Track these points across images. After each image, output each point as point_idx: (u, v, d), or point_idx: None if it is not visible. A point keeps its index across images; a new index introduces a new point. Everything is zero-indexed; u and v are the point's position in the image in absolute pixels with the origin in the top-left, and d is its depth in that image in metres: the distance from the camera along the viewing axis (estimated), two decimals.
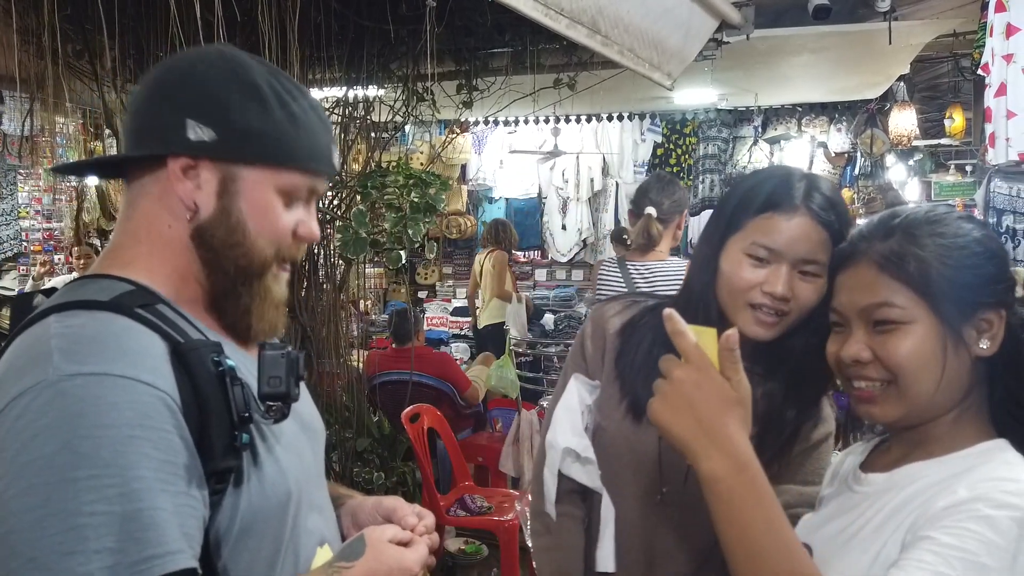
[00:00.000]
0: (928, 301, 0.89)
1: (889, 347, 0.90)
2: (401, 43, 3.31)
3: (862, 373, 0.93)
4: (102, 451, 0.73)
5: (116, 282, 0.86)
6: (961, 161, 9.64)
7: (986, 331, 0.90)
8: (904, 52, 4.48)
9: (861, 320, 0.93)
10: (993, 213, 3.13)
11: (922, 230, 0.92)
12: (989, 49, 2.88)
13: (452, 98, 3.78)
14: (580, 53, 3.65)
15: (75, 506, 0.71)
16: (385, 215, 2.99)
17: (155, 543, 0.73)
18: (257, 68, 0.90)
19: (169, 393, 0.79)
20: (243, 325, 0.93)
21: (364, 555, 0.89)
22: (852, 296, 0.94)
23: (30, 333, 0.81)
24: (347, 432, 3.34)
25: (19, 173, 6.15)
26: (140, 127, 0.90)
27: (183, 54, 0.93)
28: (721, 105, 6.32)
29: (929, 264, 0.89)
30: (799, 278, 1.11)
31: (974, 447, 0.90)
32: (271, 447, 0.89)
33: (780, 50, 4.42)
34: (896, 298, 0.90)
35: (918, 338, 0.89)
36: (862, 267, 0.94)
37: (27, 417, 0.73)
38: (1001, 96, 2.82)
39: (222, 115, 0.86)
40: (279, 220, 0.91)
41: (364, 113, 3.46)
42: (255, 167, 0.89)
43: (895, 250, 0.91)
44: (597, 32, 2.71)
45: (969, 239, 0.91)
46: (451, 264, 7.96)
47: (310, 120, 0.91)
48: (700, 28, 3.51)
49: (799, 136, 6.83)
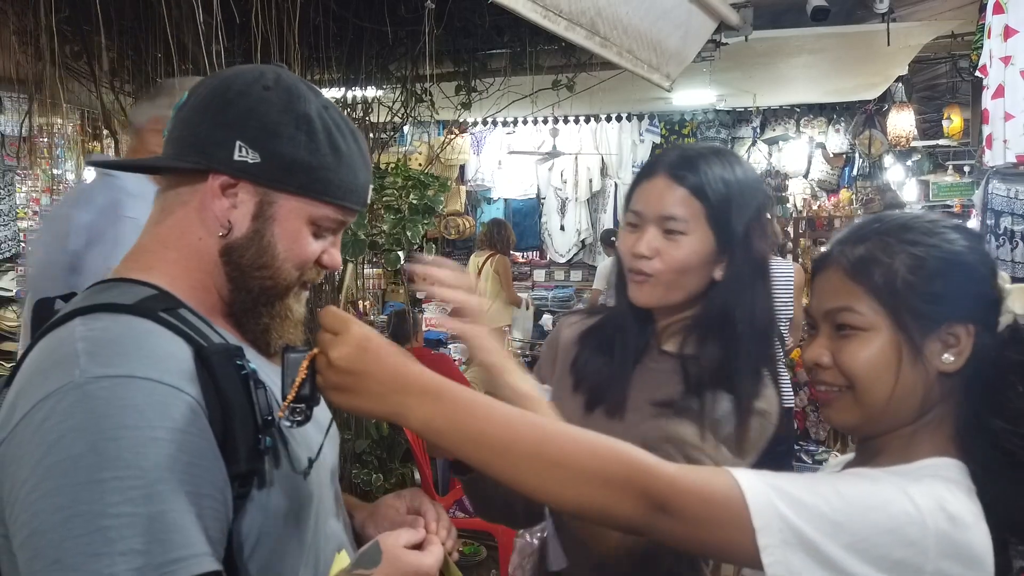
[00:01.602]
0: (889, 310, 0.88)
1: (846, 353, 0.89)
2: (400, 44, 3.31)
3: (821, 377, 0.93)
4: (127, 453, 0.73)
5: (138, 286, 0.87)
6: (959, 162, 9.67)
7: (952, 346, 0.88)
8: (902, 53, 4.49)
9: (826, 323, 0.92)
10: (991, 215, 3.14)
11: (896, 238, 0.90)
12: (987, 51, 2.89)
13: (451, 99, 3.78)
14: (579, 54, 3.65)
15: (101, 508, 0.71)
16: (384, 216, 3.00)
17: (180, 545, 0.74)
18: (312, 99, 0.91)
19: (194, 396, 0.79)
20: (262, 342, 0.95)
21: (381, 563, 0.89)
22: (820, 299, 0.94)
23: (55, 336, 0.81)
24: (346, 434, 3.34)
25: (17, 174, 6.14)
26: (186, 136, 0.90)
27: (241, 70, 0.93)
28: (719, 106, 6.32)
29: (895, 273, 0.88)
30: (664, 237, 1.14)
31: (922, 461, 0.87)
32: (292, 451, 0.90)
33: (779, 51, 4.43)
34: (858, 304, 0.89)
35: (875, 347, 0.88)
36: (832, 271, 0.93)
37: (53, 419, 0.74)
38: (999, 98, 2.83)
39: (271, 142, 0.88)
40: (308, 248, 0.93)
41: (363, 114, 3.46)
42: (293, 196, 0.90)
43: (863, 256, 0.90)
44: (596, 33, 2.71)
45: (945, 250, 0.89)
46: None
47: (353, 157, 0.93)
48: (699, 29, 3.51)
49: (797, 137, 6.84)
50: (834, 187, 7.14)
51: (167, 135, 0.93)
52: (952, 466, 0.87)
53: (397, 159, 3.70)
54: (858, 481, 0.83)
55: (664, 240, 1.15)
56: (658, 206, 1.15)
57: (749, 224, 1.16)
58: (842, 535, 0.76)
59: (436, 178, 3.17)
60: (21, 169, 6.06)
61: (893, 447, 0.91)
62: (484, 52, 3.79)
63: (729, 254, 1.16)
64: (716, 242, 1.15)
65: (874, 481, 0.83)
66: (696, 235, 1.14)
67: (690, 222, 1.14)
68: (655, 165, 1.19)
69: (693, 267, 1.15)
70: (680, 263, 1.14)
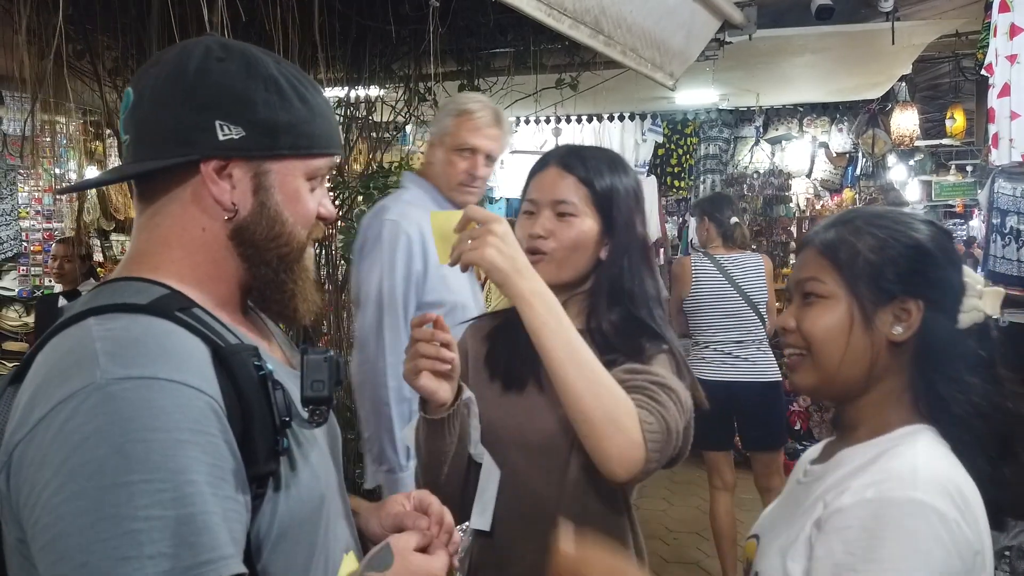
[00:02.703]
0: (848, 281, 1.00)
1: (808, 319, 1.02)
2: (403, 43, 3.31)
3: (788, 341, 1.05)
4: (153, 455, 0.72)
5: (150, 285, 0.86)
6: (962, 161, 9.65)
7: (903, 319, 0.99)
8: (906, 52, 4.48)
9: (796, 293, 1.06)
10: (997, 213, 3.13)
11: (865, 223, 1.03)
12: (993, 50, 2.88)
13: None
14: (582, 53, 3.64)
15: (129, 511, 0.70)
16: None
17: (208, 548, 0.73)
18: (266, 59, 0.89)
19: (215, 397, 0.78)
20: (291, 309, 0.94)
21: (393, 566, 0.89)
22: (795, 273, 1.08)
23: (69, 335, 0.79)
24: (349, 433, 3.33)
25: (19, 173, 6.13)
26: (159, 132, 0.87)
27: (179, 51, 0.89)
28: (722, 105, 6.31)
29: (858, 251, 1.00)
30: (557, 219, 1.31)
31: (895, 431, 0.98)
32: (305, 452, 0.90)
33: (782, 50, 4.42)
34: (823, 275, 1.02)
35: (833, 314, 1.00)
36: (808, 250, 1.06)
37: (76, 420, 0.72)
38: (1005, 97, 2.82)
39: (248, 111, 0.86)
40: (309, 204, 0.94)
41: (366, 113, 3.46)
42: (285, 159, 0.90)
43: (833, 238, 1.03)
44: (600, 32, 2.71)
45: (907, 235, 1.00)
46: None
47: (320, 103, 0.93)
48: (702, 28, 3.51)
49: (800, 136, 6.82)
50: (837, 187, 7.12)
51: (128, 140, 0.89)
52: (925, 430, 0.98)
53: (400, 158, 3.70)
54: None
55: (557, 222, 1.30)
56: (551, 192, 1.32)
57: (629, 209, 1.33)
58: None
59: None
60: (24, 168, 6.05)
61: (863, 419, 1.02)
62: (488, 51, 3.78)
63: (613, 236, 1.32)
64: (601, 224, 1.32)
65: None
66: (584, 217, 1.31)
67: (578, 204, 1.30)
68: (547, 159, 1.36)
69: (582, 245, 1.31)
70: (572, 241, 1.30)
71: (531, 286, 1.17)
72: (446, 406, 1.22)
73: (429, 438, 1.26)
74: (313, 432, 0.91)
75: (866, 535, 0.86)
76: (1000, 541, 2.79)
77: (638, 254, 1.34)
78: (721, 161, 6.96)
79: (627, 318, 1.32)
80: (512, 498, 1.30)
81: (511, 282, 1.16)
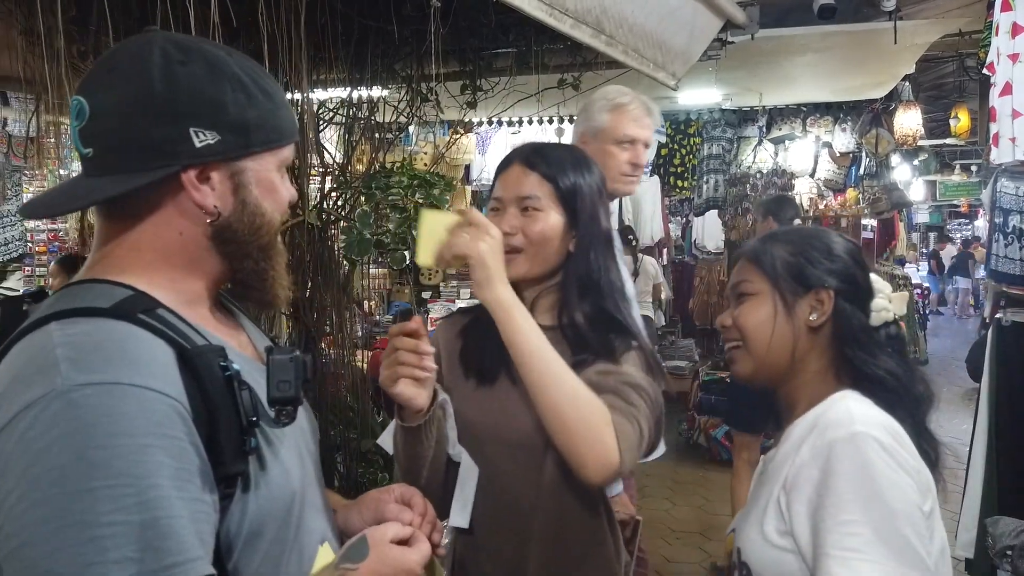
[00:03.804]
0: (771, 278, 1.20)
1: (741, 314, 1.22)
2: (405, 43, 3.31)
3: (727, 336, 1.24)
4: (117, 461, 0.72)
5: (113, 287, 0.85)
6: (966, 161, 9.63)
7: (817, 308, 1.18)
8: (909, 51, 4.47)
9: (732, 296, 1.26)
10: (999, 213, 3.12)
11: (784, 236, 1.25)
12: (995, 48, 2.87)
13: (456, 98, 3.78)
14: (584, 53, 3.64)
15: (93, 517, 0.70)
16: (389, 216, 2.99)
17: (174, 551, 0.73)
18: (225, 57, 0.89)
19: (179, 400, 0.78)
20: (271, 295, 0.96)
21: (368, 557, 0.89)
22: (730, 279, 1.28)
23: (30, 341, 0.79)
24: (351, 433, 3.34)
25: (24, 174, 6.16)
26: (131, 144, 0.84)
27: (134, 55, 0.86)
28: (725, 105, 6.31)
29: (778, 256, 1.21)
30: (524, 215, 1.33)
31: (826, 400, 1.13)
32: (275, 450, 0.90)
33: (785, 50, 4.41)
34: (751, 276, 1.23)
35: (760, 306, 1.20)
36: (740, 260, 1.27)
37: (37, 428, 0.72)
38: (1007, 95, 2.81)
39: (219, 114, 0.86)
40: (283, 192, 0.96)
41: (368, 114, 3.46)
42: (258, 155, 0.91)
43: (758, 247, 1.25)
44: (601, 32, 2.71)
45: (820, 242, 1.21)
46: None
47: (279, 94, 0.94)
48: (705, 28, 3.50)
49: (803, 136, 6.81)
50: (840, 186, 7.11)
51: (91, 153, 0.87)
52: (852, 393, 1.13)
53: (403, 159, 3.70)
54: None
55: (523, 218, 1.33)
56: (515, 189, 1.34)
57: (593, 203, 1.36)
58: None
59: (442, 177, 3.17)
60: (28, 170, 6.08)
61: (799, 398, 1.19)
62: (490, 51, 3.78)
63: (578, 228, 1.35)
64: (566, 218, 1.34)
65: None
66: (549, 211, 1.33)
67: (543, 199, 1.33)
68: (511, 158, 1.39)
69: (550, 239, 1.33)
70: (539, 235, 1.32)
71: (511, 295, 1.22)
72: (423, 412, 1.23)
73: (408, 444, 1.27)
74: (284, 429, 0.90)
75: (823, 474, 1.01)
76: (1002, 541, 2.79)
77: (603, 247, 1.37)
78: (724, 161, 6.96)
79: (596, 312, 1.35)
80: (489, 494, 1.32)
81: (493, 285, 1.20)
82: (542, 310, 1.37)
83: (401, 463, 1.30)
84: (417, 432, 1.24)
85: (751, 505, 1.19)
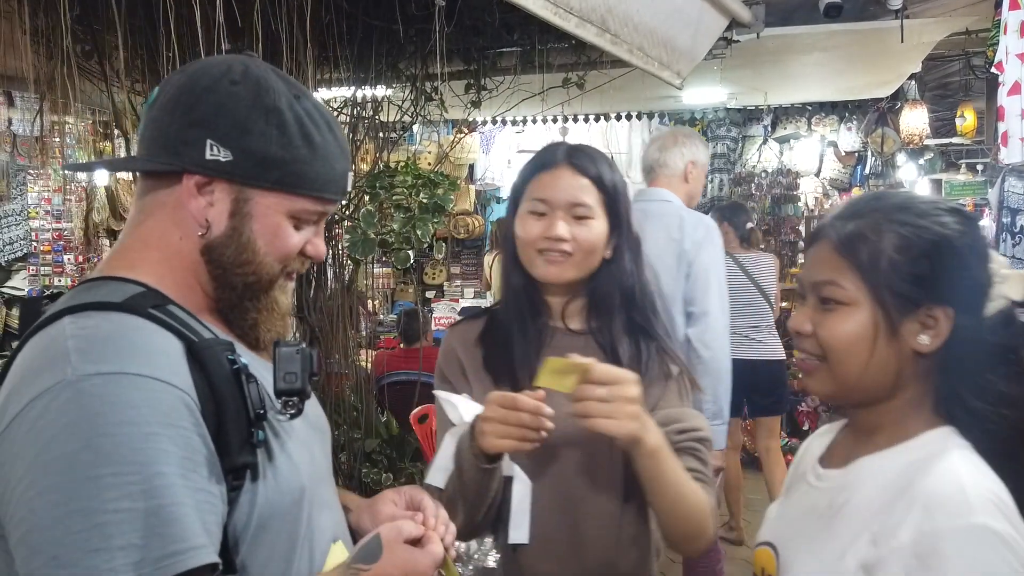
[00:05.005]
0: (871, 288, 0.90)
1: (825, 326, 0.93)
2: (409, 42, 3.30)
3: (802, 345, 0.97)
4: (123, 449, 0.74)
5: (126, 284, 0.87)
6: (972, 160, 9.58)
7: (930, 327, 0.90)
8: (916, 50, 4.45)
9: (812, 294, 0.96)
10: (1007, 212, 3.11)
11: (887, 216, 0.92)
12: (1003, 47, 2.86)
13: (460, 98, 3.77)
14: (589, 52, 3.63)
15: (98, 504, 0.72)
16: (393, 215, 2.99)
17: (178, 539, 0.74)
18: (282, 90, 0.90)
19: (186, 391, 0.79)
20: (252, 336, 0.95)
21: (381, 558, 0.89)
22: (809, 270, 0.97)
23: (45, 334, 0.81)
24: (355, 433, 3.33)
25: (29, 173, 6.17)
26: (157, 137, 0.89)
27: (207, 64, 0.92)
28: (730, 104, 6.29)
29: (881, 252, 0.90)
30: (574, 222, 1.30)
31: (917, 438, 0.91)
32: (284, 444, 0.90)
33: (790, 48, 4.40)
34: (842, 279, 0.92)
35: (853, 322, 0.91)
36: (823, 244, 0.95)
37: (47, 417, 0.74)
38: (1015, 95, 2.80)
39: (242, 139, 0.87)
40: (289, 241, 0.93)
41: (372, 113, 3.46)
42: (269, 192, 0.90)
43: (852, 233, 0.92)
44: (606, 31, 2.70)
45: (934, 232, 0.89)
46: (459, 264, 7.95)
47: (328, 146, 0.92)
48: (710, 27, 3.49)
49: (809, 135, 6.79)
50: (846, 186, 7.09)
51: (140, 135, 0.93)
52: (950, 433, 0.90)
53: (407, 158, 3.70)
54: None
55: (576, 225, 1.30)
56: (567, 194, 1.30)
57: (628, 208, 1.35)
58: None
59: (446, 177, 3.16)
60: (33, 169, 6.09)
61: (882, 424, 0.95)
62: (494, 50, 3.78)
63: (617, 235, 1.34)
64: (609, 225, 1.32)
65: None
66: (599, 219, 1.31)
67: (594, 207, 1.31)
68: (554, 158, 1.34)
69: (599, 247, 1.32)
70: (591, 244, 1.30)
71: (656, 439, 1.15)
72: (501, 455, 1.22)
73: (483, 482, 1.24)
74: (293, 424, 0.91)
75: (931, 572, 0.80)
76: None
77: (637, 252, 1.36)
78: (729, 160, 6.94)
79: (628, 319, 1.34)
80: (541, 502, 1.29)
81: (643, 442, 1.14)
82: (572, 314, 1.36)
83: (470, 497, 1.26)
84: (494, 471, 1.23)
85: (802, 533, 0.99)
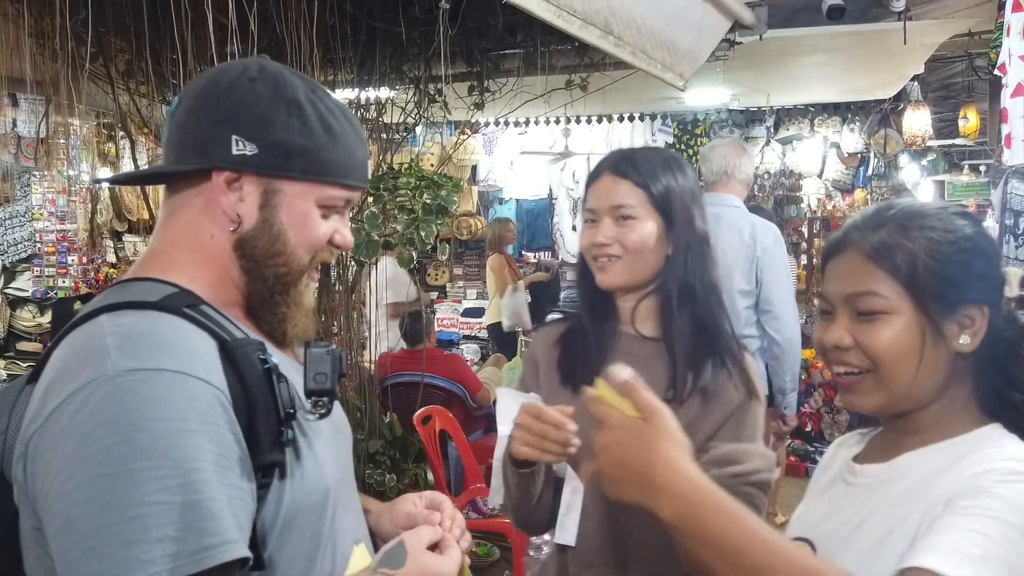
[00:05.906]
0: (912, 293, 0.90)
1: (869, 335, 0.92)
2: (413, 45, 3.31)
3: (843, 359, 0.94)
4: (160, 443, 0.75)
5: (159, 284, 0.89)
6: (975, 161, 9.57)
7: (968, 327, 0.91)
8: (918, 52, 4.45)
9: (846, 307, 0.94)
10: (1010, 215, 3.10)
11: (914, 223, 0.93)
12: (1006, 49, 2.86)
13: (463, 99, 3.78)
14: (592, 54, 3.64)
15: (135, 497, 0.73)
16: (397, 217, 3.00)
17: (213, 532, 0.75)
18: (299, 84, 0.93)
19: (220, 388, 0.81)
20: (279, 332, 0.96)
21: (405, 564, 0.90)
22: (839, 284, 0.95)
23: (82, 331, 0.83)
24: (359, 434, 3.34)
25: (33, 175, 6.19)
26: (184, 140, 0.92)
27: (225, 67, 0.95)
28: (733, 105, 6.29)
29: (917, 257, 0.90)
30: (619, 224, 1.32)
31: (968, 434, 0.91)
32: (311, 444, 0.92)
33: (793, 50, 4.40)
34: (881, 288, 0.91)
35: (899, 329, 0.90)
36: (851, 255, 0.95)
37: (86, 411, 0.76)
38: (1018, 96, 2.80)
39: (265, 131, 0.90)
40: (318, 230, 0.95)
41: (376, 115, 3.47)
42: (296, 181, 0.92)
43: (885, 241, 0.92)
44: (609, 33, 2.70)
45: (959, 235, 0.92)
46: (462, 265, 7.96)
47: (347, 135, 0.95)
48: (712, 28, 3.50)
49: (811, 136, 6.79)
50: (849, 187, 7.09)
51: (165, 142, 0.95)
52: (1001, 428, 0.91)
53: (410, 159, 3.70)
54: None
55: (619, 227, 1.32)
56: (608, 199, 1.33)
57: (688, 203, 1.34)
58: None
59: (449, 178, 3.17)
60: (37, 170, 6.10)
61: (927, 424, 0.94)
62: (497, 52, 3.78)
63: (676, 231, 1.32)
64: (663, 222, 1.32)
65: None
66: (645, 219, 1.31)
67: (637, 207, 1.31)
68: (600, 168, 1.37)
69: (648, 246, 1.31)
70: (636, 243, 1.31)
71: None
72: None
73: (521, 485, 1.26)
74: (319, 425, 0.93)
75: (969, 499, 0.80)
76: None
77: (699, 249, 1.34)
78: None
79: (693, 322, 1.33)
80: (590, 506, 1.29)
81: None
82: (642, 318, 1.35)
83: (513, 499, 1.28)
84: (532, 475, 1.24)
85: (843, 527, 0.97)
